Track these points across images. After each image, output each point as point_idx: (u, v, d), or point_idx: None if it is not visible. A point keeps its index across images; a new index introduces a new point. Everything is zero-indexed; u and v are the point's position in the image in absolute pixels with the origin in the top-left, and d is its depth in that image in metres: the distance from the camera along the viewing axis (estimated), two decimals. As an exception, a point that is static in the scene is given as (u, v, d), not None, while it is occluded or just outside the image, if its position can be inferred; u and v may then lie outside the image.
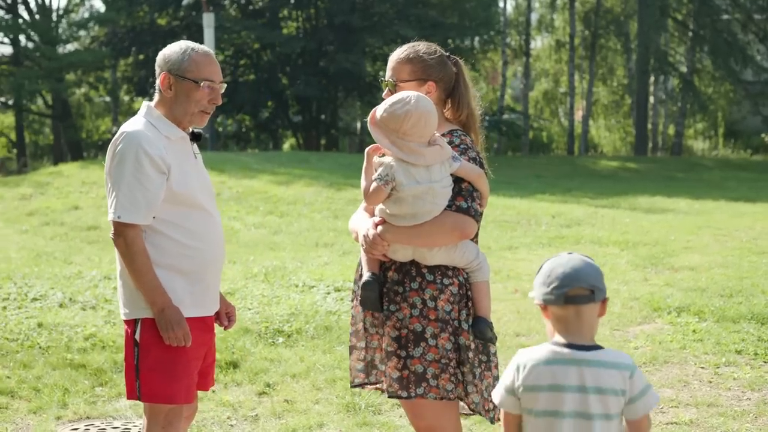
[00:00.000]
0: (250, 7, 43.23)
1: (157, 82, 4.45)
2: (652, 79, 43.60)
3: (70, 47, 43.72)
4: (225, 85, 4.54)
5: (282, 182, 20.53)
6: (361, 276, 4.39)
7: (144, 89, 42.80)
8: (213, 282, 4.57)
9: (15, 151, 47.12)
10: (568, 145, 45.28)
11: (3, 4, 42.89)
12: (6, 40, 42.85)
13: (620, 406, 3.39)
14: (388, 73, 4.48)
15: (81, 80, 43.91)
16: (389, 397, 4.31)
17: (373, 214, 4.33)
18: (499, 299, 9.92)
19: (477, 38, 44.29)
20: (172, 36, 42.72)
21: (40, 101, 45.44)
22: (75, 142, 42.60)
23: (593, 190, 22.98)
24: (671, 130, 46.94)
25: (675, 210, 18.59)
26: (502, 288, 10.56)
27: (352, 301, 4.59)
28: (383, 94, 4.43)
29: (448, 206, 4.20)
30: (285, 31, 42.52)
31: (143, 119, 4.44)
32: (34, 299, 9.74)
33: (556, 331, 3.48)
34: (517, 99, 52.20)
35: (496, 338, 4.38)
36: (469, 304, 4.31)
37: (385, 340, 4.29)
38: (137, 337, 4.40)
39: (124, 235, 4.29)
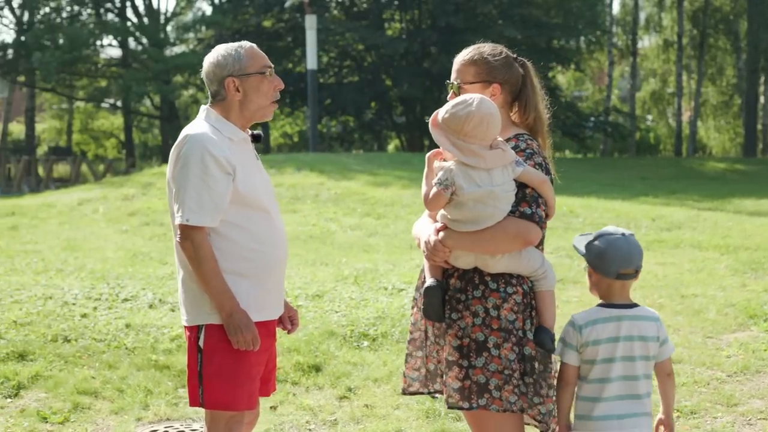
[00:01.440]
0: (354, 9, 43.40)
1: (214, 90, 4.46)
2: (762, 78, 42.63)
3: (178, 50, 44.40)
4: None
5: (381, 184, 20.48)
6: (423, 283, 4.29)
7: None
8: (276, 285, 4.53)
9: (124, 151, 48.03)
10: (675, 147, 44.56)
11: (112, 7, 43.75)
12: (114, 42, 43.71)
13: (656, 349, 4.26)
14: (453, 75, 4.37)
15: (188, 82, 44.53)
16: (449, 407, 4.20)
17: (436, 220, 4.22)
18: (590, 304, 9.66)
19: (582, 38, 43.73)
20: (276, 38, 43.21)
21: (148, 103, 46.24)
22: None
23: (698, 193, 22.45)
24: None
25: (781, 213, 18.07)
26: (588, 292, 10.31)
27: (413, 308, 4.49)
28: (448, 96, 4.32)
29: (512, 212, 4.08)
30: (389, 32, 42.58)
31: (204, 122, 4.42)
32: (125, 300, 9.84)
33: (598, 292, 4.35)
34: (624, 99, 51.59)
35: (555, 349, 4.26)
36: (533, 313, 4.18)
37: (446, 349, 4.18)
38: (201, 343, 4.37)
39: (191, 238, 4.26)
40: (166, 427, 6.66)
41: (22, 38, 41.54)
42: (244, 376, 4.38)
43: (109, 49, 46.82)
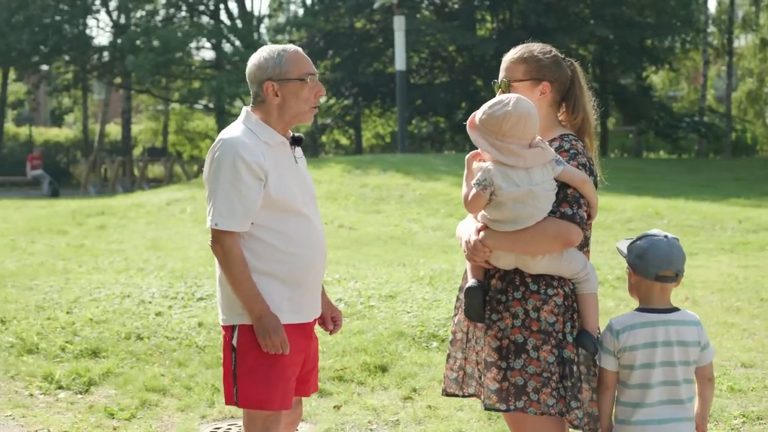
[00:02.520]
0: (446, 10, 43.36)
1: (254, 91, 4.41)
2: None
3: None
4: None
5: (466, 184, 20.35)
6: (466, 283, 4.25)
7: (339, 91, 43.50)
8: (312, 287, 4.51)
9: (217, 152, 48.48)
10: (772, 147, 43.68)
11: (206, 10, 44.29)
12: (208, 45, 44.24)
13: (697, 354, 4.20)
14: (502, 74, 4.33)
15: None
16: (486, 409, 4.16)
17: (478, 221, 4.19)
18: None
19: (676, 37, 43.10)
20: (367, 38, 43.39)
21: (240, 104, 46.68)
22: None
23: (793, 194, 21.97)
24: None
25: None
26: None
27: (456, 309, 4.46)
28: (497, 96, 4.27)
29: (552, 213, 4.03)
30: (479, 33, 42.45)
31: (242, 125, 4.41)
32: (200, 299, 9.95)
33: (637, 295, 4.25)
34: (720, 100, 50.66)
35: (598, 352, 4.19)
36: (575, 316, 4.12)
37: (486, 350, 4.15)
38: (234, 342, 4.38)
39: (221, 242, 4.28)
40: (229, 425, 6.71)
41: (118, 41, 42.25)
42: (277, 377, 4.38)
43: (204, 51, 47.47)
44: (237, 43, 42.57)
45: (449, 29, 39.54)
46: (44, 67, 46.55)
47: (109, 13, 45.33)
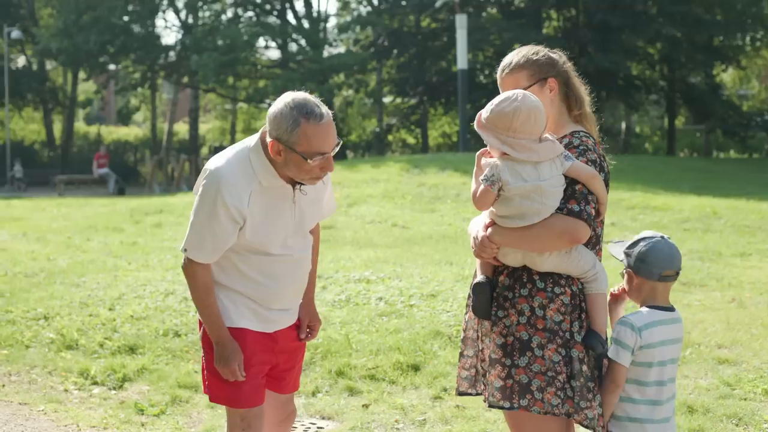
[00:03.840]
0: (512, 8, 43.17)
1: (267, 129, 4.15)
2: None
3: (336, 50, 44.95)
4: (339, 146, 4.16)
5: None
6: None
7: (404, 91, 43.52)
8: (282, 307, 4.45)
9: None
10: None
11: (272, 9, 44.55)
12: (273, 44, 44.50)
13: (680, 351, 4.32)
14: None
15: (344, 83, 45.01)
16: (489, 406, 4.12)
17: None
18: (712, 308, 9.44)
19: (746, 35, 42.49)
20: (432, 37, 43.35)
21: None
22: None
23: None
24: None
25: None
26: (719, 297, 10.02)
27: (467, 306, 4.41)
28: None
29: (560, 209, 3.98)
30: (545, 31, 42.19)
31: (245, 155, 4.23)
32: (243, 296, 9.96)
33: (640, 296, 4.26)
34: (792, 98, 49.86)
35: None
36: (583, 315, 4.07)
37: (491, 347, 4.11)
38: (200, 339, 4.45)
39: (188, 268, 4.28)
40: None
41: (185, 41, 42.68)
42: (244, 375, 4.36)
43: (270, 51, 47.72)
44: (302, 42, 42.77)
45: (514, 27, 39.33)
46: (112, 67, 47.19)
47: (177, 12, 45.82)
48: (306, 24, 43.85)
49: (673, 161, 32.38)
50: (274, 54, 47.89)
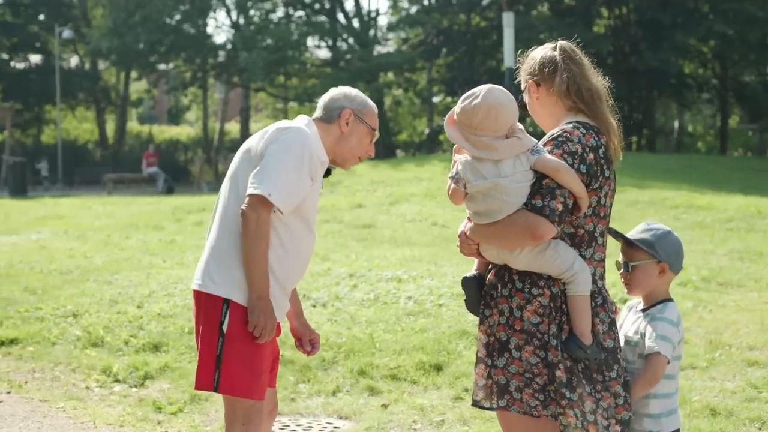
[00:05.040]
0: (562, 6, 42.91)
1: (327, 111, 4.56)
2: None
3: (385, 49, 44.93)
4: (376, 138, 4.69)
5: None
6: None
7: (454, 90, 43.38)
8: (289, 291, 4.54)
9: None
10: None
11: (321, 8, 44.62)
12: (322, 43, 44.57)
13: None
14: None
15: (394, 82, 44.99)
16: (472, 405, 4.07)
17: None
18: (747, 309, 9.25)
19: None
20: (481, 36, 43.20)
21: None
22: (387, 143, 43.62)
23: None
24: None
25: None
26: (756, 297, 9.83)
27: None
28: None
29: (525, 205, 3.85)
30: (595, 29, 41.88)
31: (308, 129, 4.49)
32: (271, 295, 9.92)
33: (659, 290, 4.16)
34: None
35: (599, 356, 3.91)
36: (564, 318, 3.92)
37: (478, 345, 4.06)
38: (224, 326, 4.32)
39: (260, 212, 4.24)
40: (275, 421, 6.65)
41: (235, 40, 42.88)
42: (260, 367, 4.36)
43: (320, 50, 47.83)
44: (351, 41, 42.79)
45: (563, 26, 38.98)
46: (162, 66, 47.51)
47: (228, 12, 46.03)
48: (356, 23, 43.88)
49: (723, 161, 31.97)
50: (324, 53, 48.01)
